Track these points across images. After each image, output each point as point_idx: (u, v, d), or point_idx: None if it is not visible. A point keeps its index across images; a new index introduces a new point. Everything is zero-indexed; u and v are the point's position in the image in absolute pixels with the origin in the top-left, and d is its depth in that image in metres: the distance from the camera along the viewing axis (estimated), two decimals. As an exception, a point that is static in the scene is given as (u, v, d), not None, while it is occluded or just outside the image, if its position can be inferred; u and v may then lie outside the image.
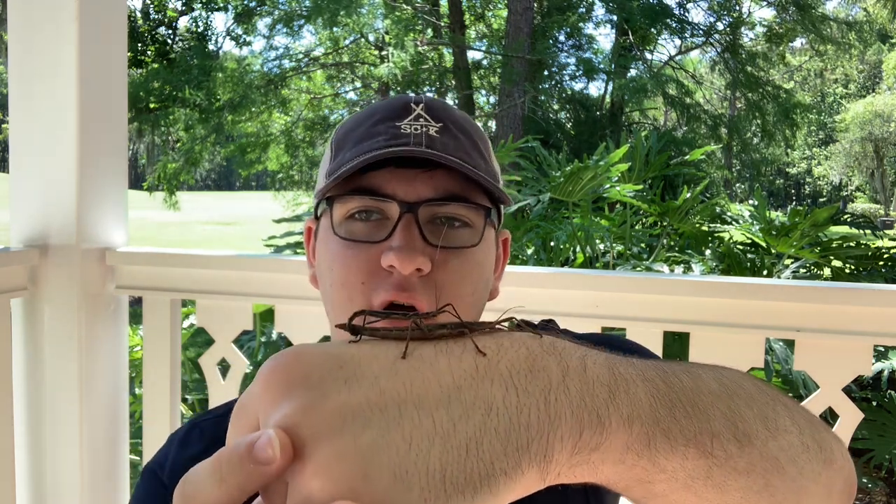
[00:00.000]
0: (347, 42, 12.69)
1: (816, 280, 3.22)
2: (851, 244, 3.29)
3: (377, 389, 0.32)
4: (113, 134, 1.54)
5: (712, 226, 3.71)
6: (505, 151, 3.35)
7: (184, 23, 15.22)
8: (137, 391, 2.59)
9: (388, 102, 0.67)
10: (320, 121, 12.40)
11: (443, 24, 11.69)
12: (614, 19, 11.54)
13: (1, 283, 1.40)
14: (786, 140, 12.60)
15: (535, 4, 10.88)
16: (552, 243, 3.41)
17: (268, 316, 2.84)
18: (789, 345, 2.61)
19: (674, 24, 11.22)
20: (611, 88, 11.76)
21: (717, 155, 12.44)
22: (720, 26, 12.07)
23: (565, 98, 11.97)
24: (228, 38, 13.90)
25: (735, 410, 0.40)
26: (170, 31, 15.04)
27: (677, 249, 3.58)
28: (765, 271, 3.12)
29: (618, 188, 3.18)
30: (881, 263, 3.34)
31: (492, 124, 10.90)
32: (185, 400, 2.92)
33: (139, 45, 14.08)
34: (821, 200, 36.12)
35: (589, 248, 3.23)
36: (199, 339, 2.85)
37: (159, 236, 16.08)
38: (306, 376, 0.32)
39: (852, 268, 3.44)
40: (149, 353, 1.58)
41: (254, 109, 11.18)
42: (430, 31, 11.90)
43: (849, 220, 3.87)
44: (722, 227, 3.71)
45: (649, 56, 12.77)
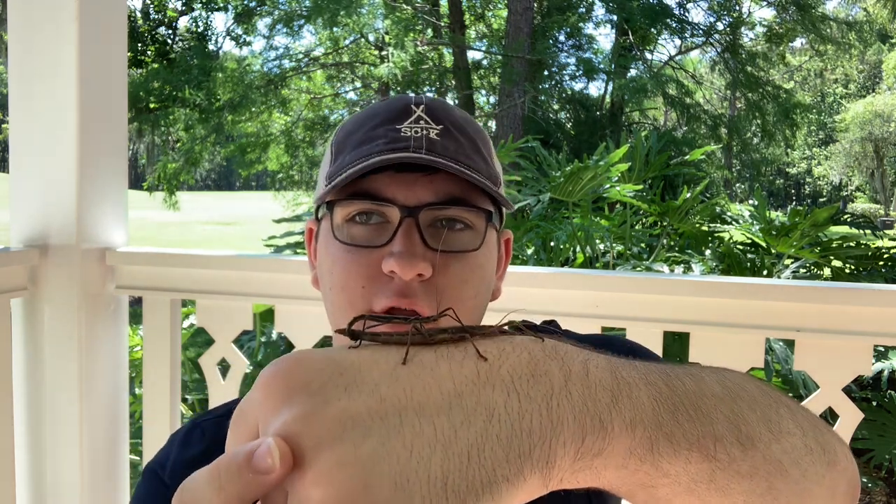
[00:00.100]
0: (347, 42, 12.69)
1: (816, 280, 3.21)
2: (851, 244, 3.29)
3: (378, 396, 0.32)
4: (113, 134, 1.54)
5: (712, 226, 3.70)
6: (505, 151, 3.35)
7: (184, 23, 15.24)
8: (137, 391, 2.59)
9: (389, 103, 0.67)
10: (320, 121, 12.41)
11: (443, 24, 11.69)
12: (614, 19, 11.54)
13: (1, 283, 1.40)
14: (786, 140, 12.61)
15: (535, 4, 10.87)
16: (552, 243, 3.40)
17: (268, 316, 2.84)
18: (789, 345, 2.60)
19: (674, 24, 11.22)
20: (611, 88, 11.77)
21: (717, 155, 12.44)
22: (720, 26, 12.07)
23: (565, 98, 11.97)
24: (228, 38, 13.91)
25: (738, 413, 0.40)
26: (170, 31, 15.04)
27: (677, 249, 3.57)
28: (765, 271, 3.12)
29: (618, 188, 3.18)
30: (881, 263, 3.33)
31: (492, 124, 10.89)
32: (185, 400, 2.92)
33: (139, 45, 14.08)
34: (821, 200, 36.11)
35: (589, 248, 3.23)
36: (199, 339, 2.85)
37: (159, 236, 16.07)
38: (306, 383, 0.32)
39: (852, 268, 3.43)
40: (149, 353, 1.58)
41: (254, 109, 11.19)
42: (430, 31, 11.90)
43: (849, 220, 3.86)
44: (722, 227, 3.70)
45: (649, 56, 12.78)
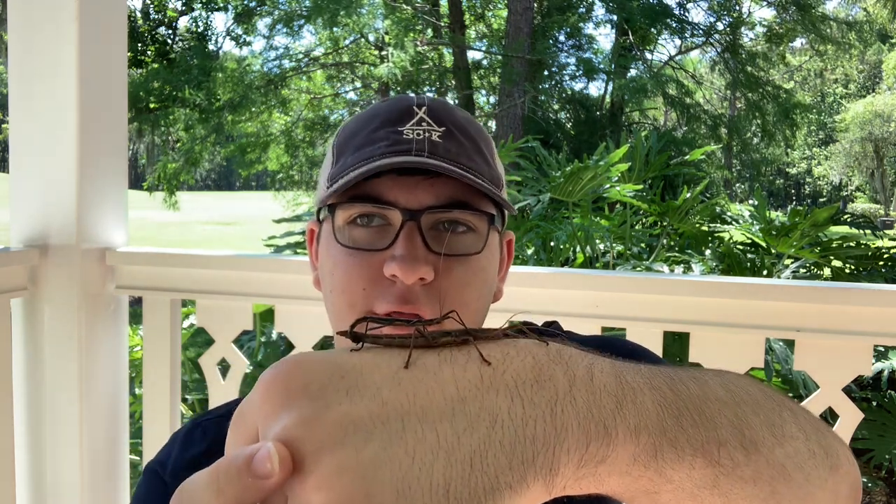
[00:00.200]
0: (347, 42, 12.68)
1: (816, 280, 3.21)
2: (851, 244, 3.28)
3: (379, 401, 0.32)
4: (113, 134, 1.54)
5: (712, 226, 3.70)
6: (505, 151, 3.35)
7: (184, 23, 15.24)
8: (137, 391, 2.59)
9: (391, 104, 0.66)
10: (320, 121, 12.41)
11: (443, 24, 11.69)
12: (614, 19, 11.54)
13: (1, 283, 1.39)
14: (786, 140, 12.60)
15: (535, 4, 10.87)
16: (552, 243, 3.40)
17: (268, 316, 2.84)
18: (789, 345, 2.60)
19: (674, 24, 11.22)
20: (611, 88, 11.76)
21: (717, 155, 12.43)
22: (720, 26, 12.07)
23: (565, 98, 11.96)
24: (228, 38, 13.91)
25: (742, 417, 0.40)
26: (170, 31, 15.04)
27: (677, 249, 3.57)
28: (765, 271, 3.12)
29: (618, 188, 3.18)
30: (881, 263, 3.33)
31: (492, 124, 10.89)
32: (185, 400, 2.92)
33: (139, 45, 14.08)
34: (821, 200, 36.11)
35: (589, 248, 3.23)
36: (199, 339, 2.85)
37: (159, 236, 16.07)
38: (306, 386, 0.32)
39: (852, 268, 3.43)
40: (149, 353, 1.58)
41: (254, 109, 11.18)
42: (430, 31, 11.89)
43: (849, 220, 3.85)
44: (722, 227, 3.70)
45: (649, 56, 12.78)
